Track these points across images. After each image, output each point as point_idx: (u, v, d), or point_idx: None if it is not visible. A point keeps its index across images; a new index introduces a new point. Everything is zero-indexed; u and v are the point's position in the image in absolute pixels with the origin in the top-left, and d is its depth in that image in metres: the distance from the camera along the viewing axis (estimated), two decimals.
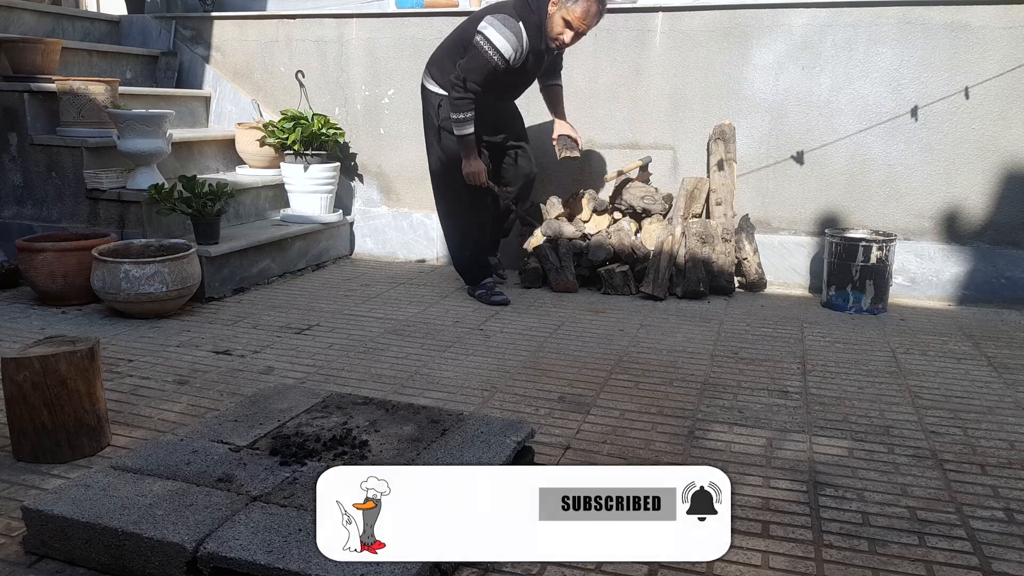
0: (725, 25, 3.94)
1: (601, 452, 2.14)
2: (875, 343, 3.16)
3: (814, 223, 3.99)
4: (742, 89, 3.98)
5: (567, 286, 3.88)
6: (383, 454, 1.86)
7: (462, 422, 2.05)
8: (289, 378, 2.66)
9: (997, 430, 2.33)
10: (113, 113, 3.68)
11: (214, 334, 3.13)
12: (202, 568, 1.48)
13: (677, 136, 4.12)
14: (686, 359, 2.92)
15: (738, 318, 3.49)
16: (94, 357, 2.06)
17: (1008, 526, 1.80)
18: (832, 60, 3.83)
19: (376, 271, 4.36)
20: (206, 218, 3.57)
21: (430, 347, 3.02)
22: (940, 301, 3.85)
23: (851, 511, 1.85)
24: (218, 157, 4.59)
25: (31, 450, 2.01)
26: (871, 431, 2.30)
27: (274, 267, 4.04)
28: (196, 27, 4.96)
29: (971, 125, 3.71)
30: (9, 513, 1.78)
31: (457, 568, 1.59)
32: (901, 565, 1.64)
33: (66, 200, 3.79)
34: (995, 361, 2.96)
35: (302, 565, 1.42)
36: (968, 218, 3.80)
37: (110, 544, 1.55)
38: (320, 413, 2.07)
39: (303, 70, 4.69)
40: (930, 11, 3.67)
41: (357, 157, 4.69)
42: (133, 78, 4.90)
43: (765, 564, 1.64)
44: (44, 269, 3.34)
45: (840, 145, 3.88)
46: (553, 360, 2.88)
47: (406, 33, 4.46)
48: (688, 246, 3.83)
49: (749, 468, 2.05)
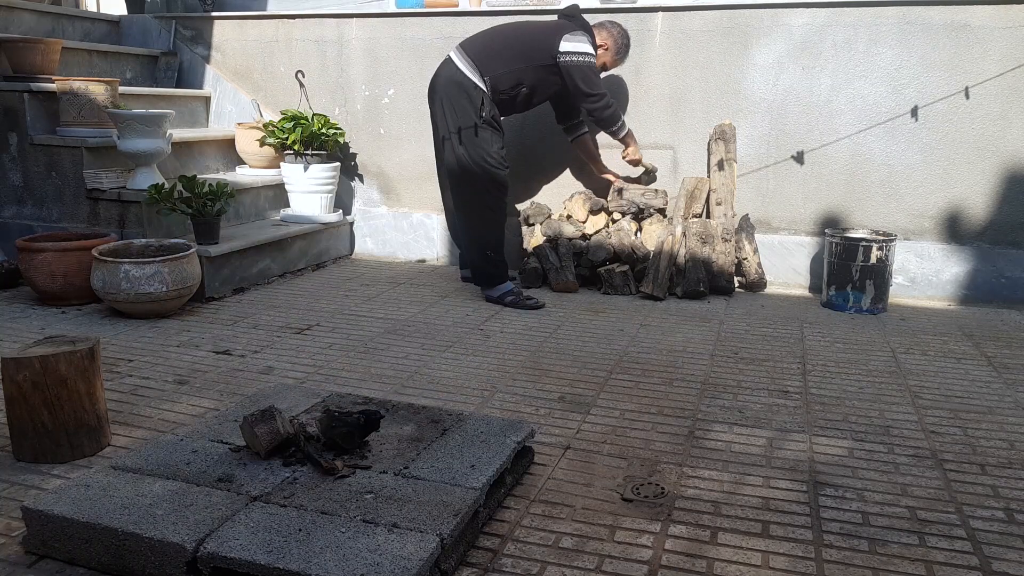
0: (725, 25, 3.94)
1: (601, 452, 2.14)
2: (875, 343, 3.16)
3: (814, 223, 3.99)
4: (742, 89, 3.97)
5: (567, 286, 3.88)
6: (383, 454, 1.86)
7: (462, 422, 2.05)
8: (289, 378, 2.66)
9: (997, 430, 2.33)
10: (113, 113, 3.68)
11: (214, 334, 3.13)
12: (202, 568, 1.48)
13: (677, 136, 4.12)
14: (686, 359, 2.92)
15: (738, 318, 3.49)
16: (94, 357, 2.06)
17: (1008, 526, 1.80)
18: (832, 60, 3.83)
19: (376, 271, 4.36)
20: (206, 218, 3.57)
21: (430, 347, 3.02)
22: (940, 301, 3.85)
23: (851, 511, 1.85)
24: (218, 157, 4.59)
25: (31, 450, 2.01)
26: (871, 431, 2.30)
27: (274, 267, 4.04)
28: (196, 27, 4.96)
29: (971, 125, 3.70)
30: (9, 513, 1.78)
31: (457, 568, 1.59)
32: (901, 565, 1.64)
33: (66, 200, 3.79)
34: (995, 361, 2.96)
35: (302, 565, 1.42)
36: (968, 218, 3.80)
37: (110, 544, 1.55)
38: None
39: (303, 70, 4.68)
40: (930, 11, 3.67)
41: (357, 157, 4.69)
42: (133, 78, 4.90)
43: (765, 564, 1.64)
44: (44, 269, 3.34)
45: (840, 145, 3.88)
46: (553, 360, 2.88)
47: (406, 33, 4.46)
48: (688, 246, 3.83)
49: (749, 468, 2.05)
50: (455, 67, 3.52)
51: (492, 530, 1.75)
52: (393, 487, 1.70)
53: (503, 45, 3.55)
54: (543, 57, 3.53)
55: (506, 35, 3.61)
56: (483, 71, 3.49)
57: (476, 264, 3.72)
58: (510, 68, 3.51)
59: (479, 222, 3.63)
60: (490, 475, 1.77)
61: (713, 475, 2.01)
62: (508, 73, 3.51)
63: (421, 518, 1.58)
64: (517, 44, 3.55)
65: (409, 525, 1.56)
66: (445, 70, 3.59)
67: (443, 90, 3.56)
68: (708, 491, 1.93)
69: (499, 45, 3.56)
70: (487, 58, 3.51)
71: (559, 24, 3.61)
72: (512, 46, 3.55)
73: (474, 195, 3.58)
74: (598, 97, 3.58)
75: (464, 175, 3.57)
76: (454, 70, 3.52)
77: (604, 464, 2.07)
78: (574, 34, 3.52)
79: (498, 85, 3.50)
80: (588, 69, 3.54)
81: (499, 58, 3.51)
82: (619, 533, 1.74)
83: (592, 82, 3.56)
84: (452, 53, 3.58)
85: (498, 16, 4.23)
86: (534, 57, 3.53)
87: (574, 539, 1.71)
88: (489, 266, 3.65)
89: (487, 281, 3.69)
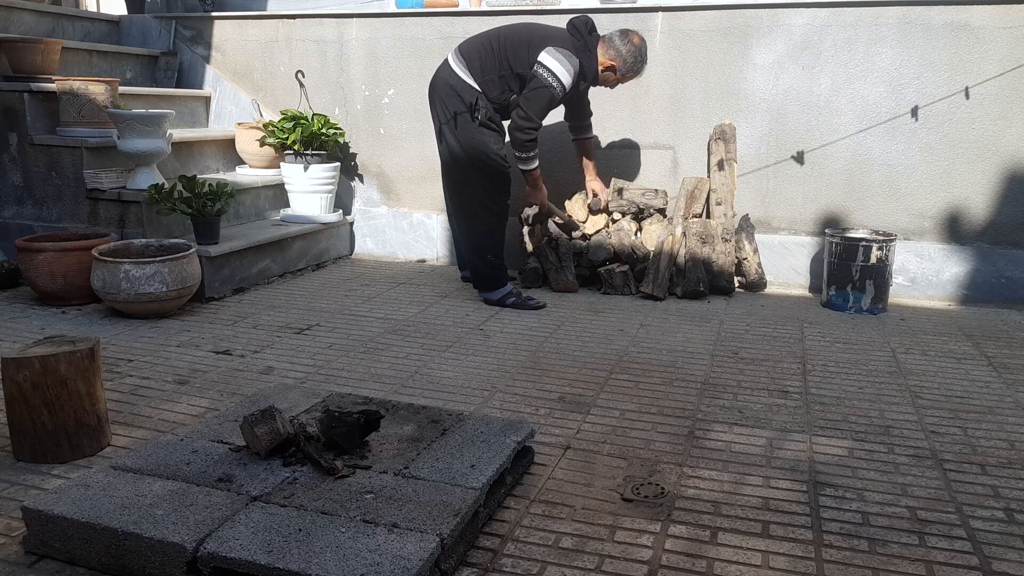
0: (725, 25, 3.94)
1: (601, 452, 2.14)
2: (875, 343, 3.16)
3: (814, 223, 3.99)
4: (742, 89, 3.98)
5: (567, 286, 3.88)
6: (383, 454, 1.86)
7: (462, 422, 2.05)
8: (289, 378, 2.66)
9: (997, 430, 2.33)
10: (113, 113, 3.68)
11: (214, 334, 3.13)
12: (202, 568, 1.48)
13: (677, 136, 4.12)
14: (686, 359, 2.92)
15: (738, 318, 3.49)
16: (94, 357, 2.06)
17: (1008, 526, 1.80)
18: (832, 60, 3.83)
19: (376, 271, 4.36)
20: (206, 218, 3.57)
21: (430, 347, 3.02)
22: (940, 301, 3.85)
23: (851, 511, 1.85)
24: (218, 157, 4.59)
25: (31, 450, 2.01)
26: (871, 431, 2.30)
27: (274, 267, 4.04)
28: (196, 27, 4.96)
29: (971, 125, 3.70)
30: (9, 513, 1.78)
31: (457, 568, 1.59)
32: (901, 565, 1.64)
33: (66, 200, 3.79)
34: (995, 361, 2.96)
35: (302, 565, 1.42)
36: (968, 218, 3.80)
37: (110, 544, 1.55)
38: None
39: (303, 70, 4.69)
40: (930, 11, 3.67)
41: (357, 157, 4.69)
42: (133, 78, 4.90)
43: (765, 564, 1.64)
44: (44, 269, 3.34)
45: (840, 145, 3.88)
46: (553, 360, 2.88)
47: (406, 33, 4.46)
48: (688, 246, 3.83)
49: (749, 468, 2.05)
50: (450, 69, 3.51)
51: (492, 530, 1.74)
52: (393, 487, 1.70)
53: (493, 50, 3.48)
54: (524, 67, 3.40)
55: (499, 39, 3.50)
56: (475, 75, 3.46)
57: (476, 268, 3.69)
58: (499, 74, 3.45)
59: (478, 225, 3.60)
60: (490, 475, 1.77)
61: (713, 475, 2.01)
62: (498, 79, 3.45)
63: (421, 518, 1.58)
64: (504, 51, 3.45)
65: (409, 525, 1.55)
66: (442, 72, 3.58)
67: (439, 92, 3.56)
68: (708, 491, 1.93)
69: (489, 50, 3.48)
70: (479, 62, 3.47)
71: (554, 35, 3.45)
72: (499, 52, 3.46)
73: (473, 197, 3.56)
74: (528, 120, 3.36)
75: (462, 177, 3.56)
76: (449, 72, 3.51)
77: (604, 464, 2.07)
78: (560, 51, 3.35)
79: (488, 91, 3.46)
80: (543, 92, 3.34)
81: (488, 63, 3.46)
82: (619, 533, 1.74)
83: (535, 106, 3.35)
84: (450, 55, 3.57)
85: (498, 16, 4.24)
86: (517, 65, 3.42)
87: (574, 539, 1.71)
88: (489, 270, 3.62)
89: (487, 285, 3.66)
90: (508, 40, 3.47)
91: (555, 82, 3.34)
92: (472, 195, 3.56)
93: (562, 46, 3.38)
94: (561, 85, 3.36)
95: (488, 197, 3.54)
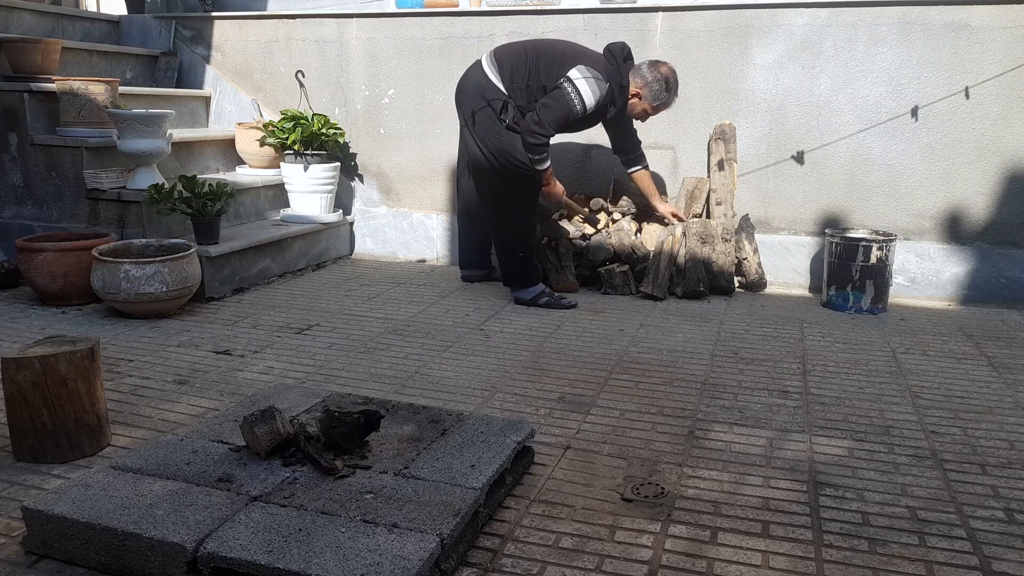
0: (725, 25, 3.94)
1: (601, 452, 2.14)
2: (875, 343, 3.16)
3: (814, 223, 3.99)
4: (742, 89, 3.97)
5: (567, 286, 3.88)
6: (383, 454, 1.86)
7: (462, 422, 2.05)
8: (289, 378, 2.66)
9: (997, 430, 2.33)
10: (113, 113, 3.68)
11: (214, 334, 3.13)
12: (202, 568, 1.48)
13: (677, 136, 4.12)
14: (686, 359, 2.92)
15: (738, 318, 3.49)
16: (94, 357, 2.06)
17: (1008, 526, 1.80)
18: (832, 60, 3.83)
19: (376, 271, 4.36)
20: (206, 218, 3.57)
21: (430, 347, 3.02)
22: (940, 301, 3.85)
23: (851, 511, 1.85)
24: (218, 157, 4.59)
25: (31, 450, 2.01)
26: (871, 431, 2.30)
27: (274, 267, 4.04)
28: (196, 27, 4.96)
29: (971, 125, 3.70)
30: (9, 513, 1.78)
31: (457, 568, 1.59)
32: (901, 565, 1.64)
33: (66, 200, 3.79)
34: (995, 361, 2.96)
35: (302, 565, 1.42)
36: (968, 218, 3.80)
37: (110, 544, 1.55)
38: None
39: (303, 70, 4.69)
40: (930, 11, 3.67)
41: (357, 157, 4.69)
42: (133, 78, 4.90)
43: (765, 564, 1.64)
44: (44, 269, 3.34)
45: (840, 145, 3.88)
46: (553, 360, 2.88)
47: (406, 33, 4.46)
48: (688, 246, 3.83)
49: (749, 468, 2.05)
50: (482, 71, 3.48)
51: (492, 530, 1.75)
52: (393, 487, 1.70)
53: (526, 59, 3.44)
54: (553, 80, 3.36)
55: (535, 50, 3.47)
56: (505, 80, 3.43)
57: (507, 266, 3.68)
58: (527, 83, 3.41)
59: (508, 223, 3.60)
60: (490, 475, 1.77)
61: (713, 475, 2.01)
62: (525, 88, 3.42)
63: (421, 518, 1.58)
64: (537, 61, 3.42)
65: (409, 525, 1.56)
66: (472, 74, 3.55)
67: (468, 94, 3.54)
68: (708, 491, 1.93)
69: (523, 58, 3.45)
70: (510, 68, 3.44)
71: (590, 55, 3.42)
72: (532, 62, 3.42)
73: (502, 196, 3.55)
74: (540, 125, 3.31)
75: (490, 178, 3.55)
76: (480, 74, 3.48)
77: (604, 464, 2.07)
78: (591, 70, 3.31)
79: (515, 99, 3.43)
80: (563, 104, 3.31)
81: (519, 71, 3.43)
82: (619, 533, 1.74)
83: (550, 115, 3.31)
84: (483, 57, 3.54)
85: (498, 16, 4.24)
86: (546, 78, 3.38)
87: (574, 539, 1.71)
88: (521, 267, 3.62)
89: (520, 283, 3.65)
90: (543, 52, 3.44)
91: (576, 99, 3.31)
92: (503, 195, 3.56)
93: (594, 67, 3.35)
94: (583, 103, 3.32)
95: (519, 196, 3.54)
